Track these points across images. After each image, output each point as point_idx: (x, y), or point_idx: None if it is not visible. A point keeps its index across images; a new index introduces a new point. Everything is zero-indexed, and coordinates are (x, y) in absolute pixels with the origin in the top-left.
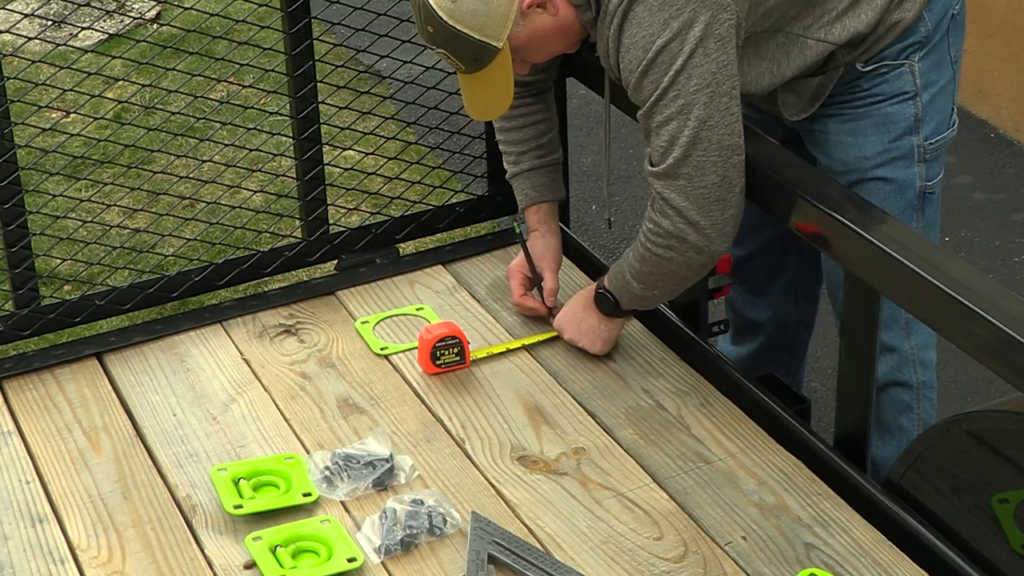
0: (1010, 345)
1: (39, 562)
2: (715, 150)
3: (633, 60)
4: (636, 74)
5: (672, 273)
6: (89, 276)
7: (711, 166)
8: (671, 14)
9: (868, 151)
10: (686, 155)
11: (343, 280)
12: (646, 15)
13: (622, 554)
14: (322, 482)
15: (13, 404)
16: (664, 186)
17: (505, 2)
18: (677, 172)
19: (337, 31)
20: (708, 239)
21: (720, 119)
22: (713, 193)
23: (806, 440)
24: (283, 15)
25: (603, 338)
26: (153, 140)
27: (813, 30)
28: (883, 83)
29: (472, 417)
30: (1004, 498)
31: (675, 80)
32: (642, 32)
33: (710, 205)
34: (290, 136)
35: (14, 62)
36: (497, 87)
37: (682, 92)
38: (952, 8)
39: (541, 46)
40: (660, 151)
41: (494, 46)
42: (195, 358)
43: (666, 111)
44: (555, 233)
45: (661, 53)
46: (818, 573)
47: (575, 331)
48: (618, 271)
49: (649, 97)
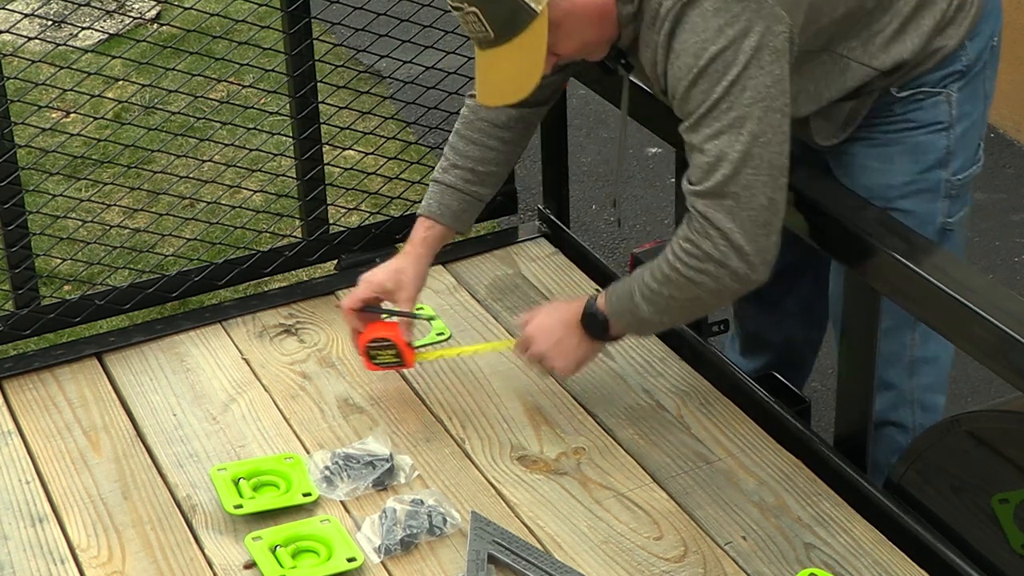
0: (1010, 345)
1: (39, 562)
2: (766, 169)
3: (683, 67)
4: (685, 82)
5: (696, 300)
6: (89, 276)
7: (761, 186)
8: (726, 21)
9: (894, 180)
10: (736, 172)
11: (343, 280)
12: (699, 20)
13: (622, 554)
14: (322, 482)
15: (13, 404)
16: (708, 206)
17: None
18: (725, 191)
19: (337, 31)
20: (751, 267)
21: (773, 136)
22: (761, 216)
23: (806, 440)
24: (283, 15)
25: (578, 360)
26: (153, 140)
27: (859, 53)
28: (918, 110)
29: (472, 417)
30: (1004, 498)
31: (728, 91)
32: (695, 38)
33: (757, 229)
34: (290, 136)
35: (14, 62)
36: (523, 63)
37: (735, 104)
38: (993, 39)
39: (576, 28)
40: (706, 168)
41: (532, 8)
42: (195, 358)
43: (716, 124)
44: (428, 262)
45: (715, 61)
46: (818, 573)
47: (548, 345)
48: (622, 292)
49: (698, 108)
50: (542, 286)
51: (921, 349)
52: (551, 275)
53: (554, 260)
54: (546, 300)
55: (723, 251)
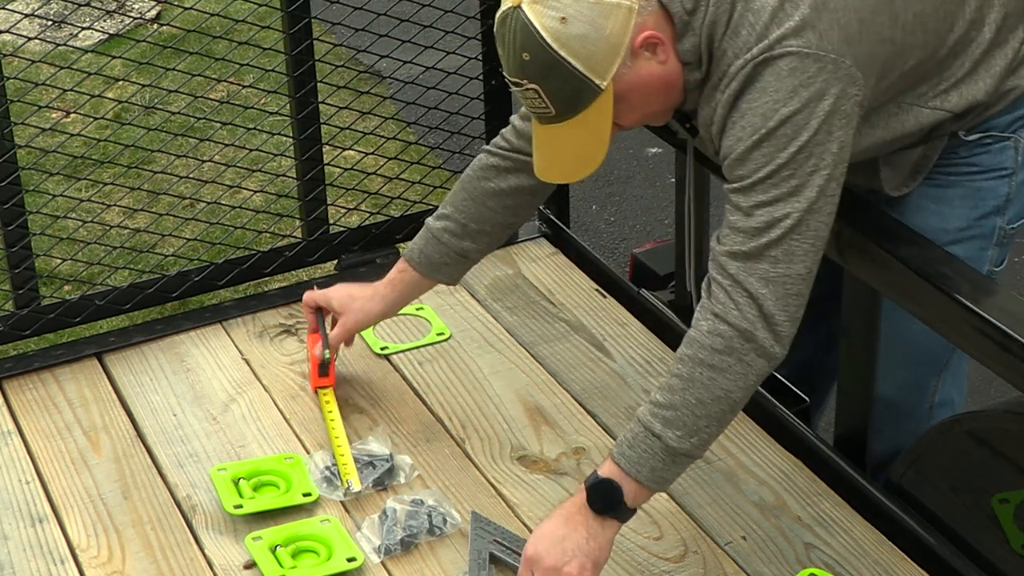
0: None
1: (39, 562)
2: (811, 238)
3: (748, 127)
4: (747, 143)
5: (724, 396)
6: (89, 276)
7: (802, 255)
8: (801, 82)
9: (950, 224)
10: (782, 239)
11: (343, 280)
12: (773, 80)
13: (622, 554)
14: (322, 482)
15: (13, 404)
16: (742, 268)
17: (618, 32)
18: (763, 254)
19: (337, 31)
20: (777, 339)
21: (824, 205)
22: (795, 286)
23: (806, 440)
24: (283, 15)
25: (594, 557)
26: (153, 140)
27: (928, 98)
28: (984, 154)
29: (472, 417)
30: (1004, 498)
31: (794, 157)
32: (765, 98)
33: (789, 298)
34: (290, 136)
35: (14, 62)
36: (588, 140)
37: (797, 172)
38: None
39: (641, 99)
40: (750, 232)
41: (596, 85)
42: (195, 358)
43: (773, 191)
44: (388, 301)
45: (784, 124)
46: (818, 573)
47: (558, 554)
48: (632, 439)
49: (755, 172)
50: (542, 286)
51: (940, 394)
52: (551, 275)
53: (554, 260)
54: (546, 300)
55: (751, 319)
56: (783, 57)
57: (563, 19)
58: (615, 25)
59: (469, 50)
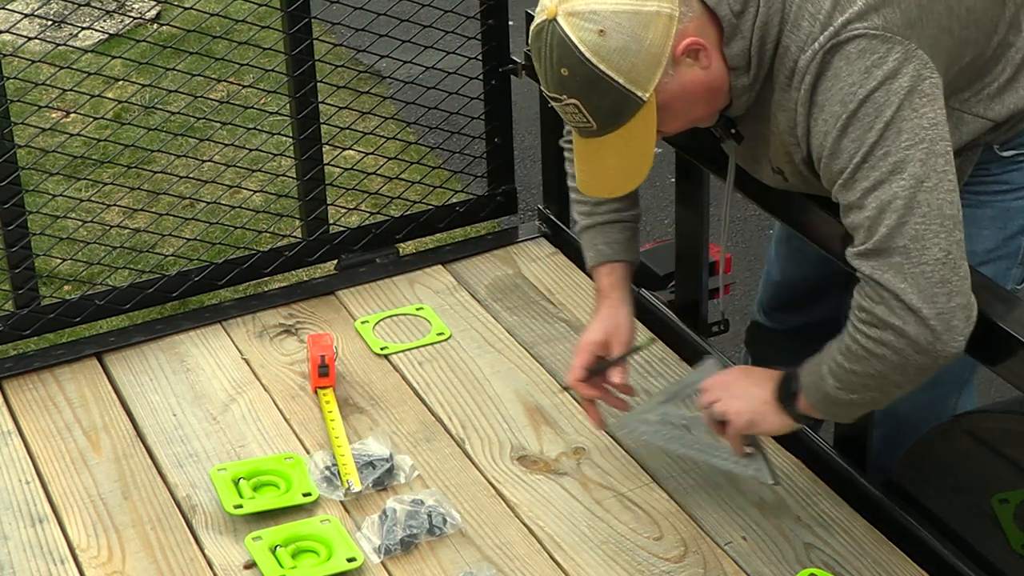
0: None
1: (39, 562)
2: (936, 217)
3: (831, 117)
4: (835, 133)
5: (880, 377)
6: (89, 276)
7: (932, 236)
8: (873, 62)
9: (978, 246)
10: (901, 222)
11: (343, 280)
12: (844, 65)
13: (622, 554)
14: (322, 482)
15: (13, 404)
16: (875, 267)
17: (659, 41)
18: (891, 246)
19: (337, 31)
20: (933, 333)
21: (939, 181)
22: (936, 272)
23: (806, 440)
24: (283, 15)
25: (753, 410)
26: (153, 140)
27: (972, 104)
28: (1016, 171)
29: (472, 417)
30: (1004, 498)
31: (883, 134)
32: (839, 84)
33: (933, 287)
34: (290, 136)
35: (14, 62)
36: (632, 153)
37: (892, 148)
38: None
39: (684, 107)
40: (868, 223)
41: (638, 97)
42: (195, 358)
43: (874, 173)
44: (630, 302)
45: (865, 104)
46: (818, 573)
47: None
48: (815, 362)
49: (851, 160)
50: (542, 286)
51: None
52: (551, 275)
53: (554, 260)
54: (546, 300)
55: (900, 315)
56: (851, 41)
57: (601, 31)
58: (655, 35)
59: (469, 50)
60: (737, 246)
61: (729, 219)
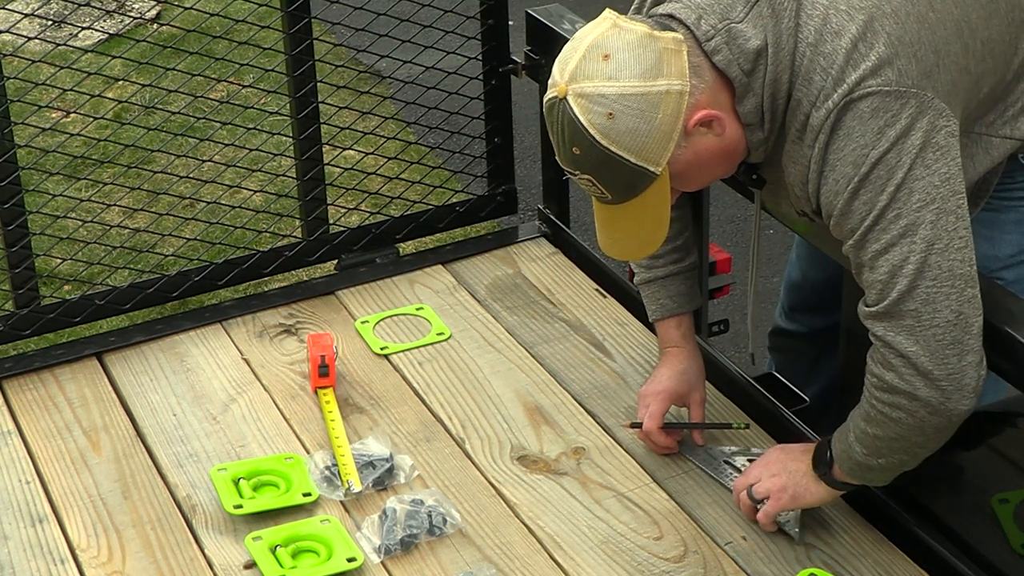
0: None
1: (39, 562)
2: (947, 279)
3: (842, 178)
4: (845, 195)
5: (901, 439)
6: (89, 276)
7: (943, 299)
8: (886, 121)
9: (1002, 251)
10: (912, 287)
11: (343, 280)
12: (857, 124)
13: (622, 554)
14: (322, 482)
15: (13, 404)
16: (887, 329)
17: (669, 120)
18: (902, 309)
19: (337, 31)
20: (944, 394)
21: (949, 242)
22: (947, 334)
23: (806, 440)
24: (283, 15)
25: (796, 483)
26: (153, 140)
27: (997, 126)
28: None
29: (472, 417)
30: (1004, 498)
31: (895, 197)
32: (852, 144)
33: (944, 350)
34: (290, 136)
35: (14, 62)
36: (649, 220)
37: (904, 211)
38: None
39: (700, 172)
40: (880, 286)
41: (651, 172)
42: (195, 358)
43: (885, 236)
44: (698, 355)
45: (877, 166)
46: (818, 573)
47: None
48: (843, 430)
49: (863, 221)
50: (542, 286)
51: None
52: (551, 275)
53: (554, 260)
54: (546, 300)
55: (909, 380)
56: (864, 99)
57: (610, 115)
58: (665, 113)
59: (469, 50)
60: (737, 246)
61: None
